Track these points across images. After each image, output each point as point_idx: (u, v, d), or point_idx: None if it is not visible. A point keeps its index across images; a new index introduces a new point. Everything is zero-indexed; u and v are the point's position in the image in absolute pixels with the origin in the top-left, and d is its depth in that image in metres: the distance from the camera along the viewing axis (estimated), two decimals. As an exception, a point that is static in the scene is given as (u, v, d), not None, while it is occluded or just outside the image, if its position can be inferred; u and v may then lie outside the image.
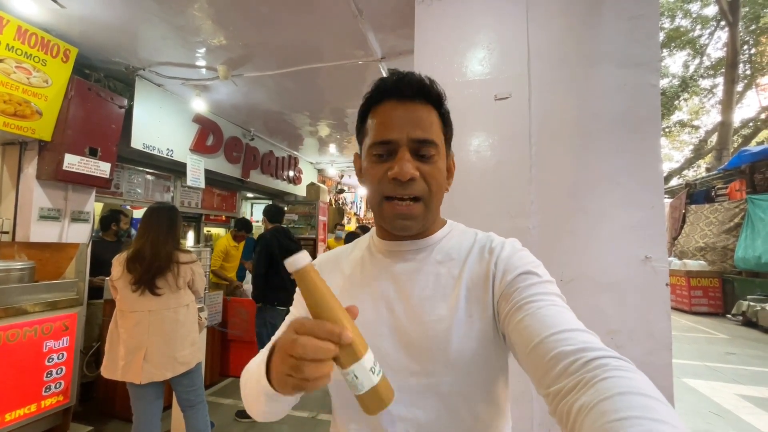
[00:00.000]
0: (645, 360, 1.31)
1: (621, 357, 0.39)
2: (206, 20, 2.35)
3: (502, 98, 1.57)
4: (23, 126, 2.35)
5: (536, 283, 0.52)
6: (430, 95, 0.57)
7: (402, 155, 0.54)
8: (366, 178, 0.59)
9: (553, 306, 0.48)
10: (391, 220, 0.56)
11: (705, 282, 6.96)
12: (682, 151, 15.39)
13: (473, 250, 0.60)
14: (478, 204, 1.55)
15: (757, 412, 2.97)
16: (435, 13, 1.72)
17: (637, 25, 1.44)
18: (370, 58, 2.71)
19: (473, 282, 0.56)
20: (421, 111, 0.56)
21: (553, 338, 0.42)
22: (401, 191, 0.54)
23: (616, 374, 0.35)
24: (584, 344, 0.40)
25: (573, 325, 0.44)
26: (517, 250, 0.59)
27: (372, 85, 0.59)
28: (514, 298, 0.51)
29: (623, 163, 1.40)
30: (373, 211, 0.61)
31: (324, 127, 4.65)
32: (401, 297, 0.58)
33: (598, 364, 0.37)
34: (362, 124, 0.61)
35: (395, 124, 0.55)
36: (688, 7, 12.44)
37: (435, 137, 0.56)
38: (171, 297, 1.87)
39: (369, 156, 0.58)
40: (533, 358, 0.44)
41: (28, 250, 2.47)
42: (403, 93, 0.56)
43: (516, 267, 0.55)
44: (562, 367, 0.39)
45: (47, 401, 2.23)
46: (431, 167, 0.56)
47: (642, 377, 0.36)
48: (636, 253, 1.36)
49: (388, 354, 0.55)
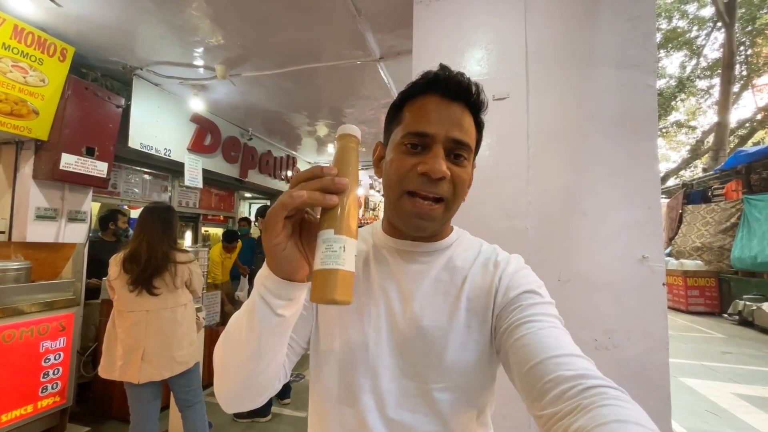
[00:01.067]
0: (642, 359, 1.32)
1: (618, 387, 0.39)
2: (204, 20, 2.35)
3: (499, 98, 1.57)
4: (20, 125, 2.34)
5: (538, 303, 0.52)
6: (474, 101, 0.56)
7: (437, 152, 0.52)
8: (389, 168, 0.56)
9: (553, 328, 0.48)
10: (408, 217, 0.54)
11: (702, 282, 7.00)
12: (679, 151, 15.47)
13: (478, 260, 0.60)
14: (475, 204, 1.55)
15: (753, 411, 2.99)
16: (433, 13, 1.72)
17: (634, 26, 1.44)
18: (369, 58, 2.71)
19: (475, 293, 0.56)
20: (463, 114, 0.55)
21: (553, 361, 0.43)
22: (428, 188, 0.52)
23: (614, 403, 0.36)
24: (584, 371, 0.41)
25: (572, 351, 0.44)
26: (522, 268, 0.59)
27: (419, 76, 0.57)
28: (514, 315, 0.51)
29: (620, 164, 1.41)
30: (389, 204, 0.58)
31: (322, 127, 4.65)
32: (403, 298, 0.57)
33: (597, 392, 0.38)
34: (397, 111, 0.59)
35: (436, 119, 0.53)
36: (685, 8, 12.50)
37: (470, 142, 0.55)
38: (168, 297, 1.87)
39: (399, 145, 0.55)
40: (530, 378, 0.44)
41: (24, 250, 2.46)
42: (450, 91, 0.54)
43: (520, 284, 0.54)
44: (560, 391, 0.39)
45: (44, 402, 2.22)
46: (461, 170, 0.55)
47: (638, 409, 0.36)
48: (633, 252, 1.37)
49: (383, 352, 0.55)
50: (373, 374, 0.55)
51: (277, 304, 0.44)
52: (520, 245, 1.47)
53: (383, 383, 0.54)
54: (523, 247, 1.47)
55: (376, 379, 0.54)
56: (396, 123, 0.58)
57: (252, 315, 0.45)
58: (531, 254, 1.46)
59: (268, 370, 0.49)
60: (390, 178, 0.56)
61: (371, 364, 0.55)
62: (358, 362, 0.55)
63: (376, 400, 0.54)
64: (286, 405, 3.02)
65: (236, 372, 0.49)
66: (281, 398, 3.02)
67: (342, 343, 0.57)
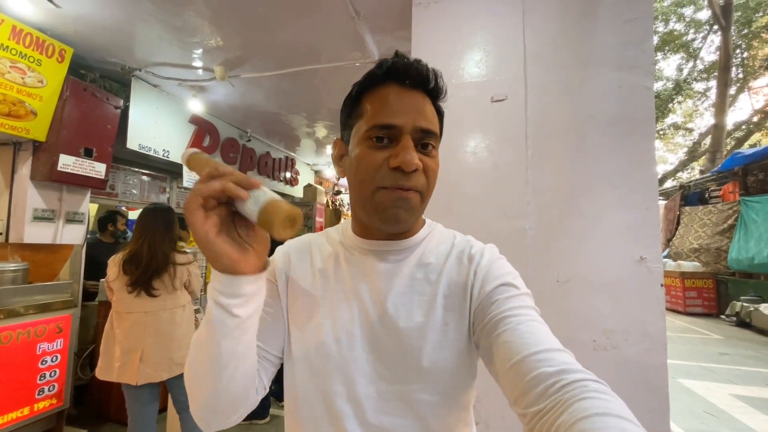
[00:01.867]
0: (640, 360, 1.32)
1: (599, 380, 0.39)
2: (203, 21, 2.35)
3: (498, 100, 1.58)
4: (17, 126, 2.33)
5: (514, 296, 0.51)
6: (433, 88, 0.54)
7: (406, 143, 0.50)
8: (358, 166, 0.53)
9: (531, 321, 0.47)
10: (386, 209, 0.51)
11: (699, 283, 7.02)
12: (677, 153, 15.56)
13: (451, 255, 0.58)
14: (475, 205, 1.56)
15: (751, 412, 3.00)
16: (432, 15, 1.73)
17: (632, 29, 1.45)
18: (368, 59, 2.71)
19: (450, 290, 0.55)
20: (425, 102, 0.53)
21: (534, 358, 0.42)
22: (404, 182, 0.50)
23: (595, 395, 0.36)
24: (564, 365, 0.40)
25: (552, 345, 0.44)
26: (496, 259, 0.57)
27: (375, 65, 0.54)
28: (492, 310, 0.50)
29: (618, 165, 1.42)
30: (360, 202, 0.54)
31: (321, 129, 4.65)
32: (376, 299, 0.55)
33: (578, 386, 0.38)
34: (356, 102, 0.56)
35: (400, 110, 0.51)
36: (682, 11, 12.59)
37: (436, 130, 0.54)
38: (167, 298, 1.86)
39: (364, 140, 0.52)
40: (512, 376, 0.43)
41: (21, 252, 2.45)
42: (410, 79, 0.52)
43: (495, 277, 0.53)
44: (542, 388, 0.39)
45: (40, 404, 2.21)
46: (432, 160, 0.53)
47: (619, 401, 0.36)
48: (631, 253, 1.37)
49: (359, 356, 0.53)
50: (348, 380, 0.52)
51: (230, 304, 0.43)
52: (519, 246, 1.47)
53: (360, 388, 0.52)
54: (522, 247, 1.47)
55: (353, 385, 0.52)
56: (356, 116, 0.55)
57: (209, 323, 0.45)
58: (530, 255, 1.46)
59: (235, 379, 0.48)
60: (359, 175, 0.53)
61: (346, 369, 0.53)
62: (332, 368, 0.53)
63: (353, 406, 0.52)
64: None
65: (203, 385, 0.48)
66: (279, 400, 3.01)
67: (314, 348, 0.54)
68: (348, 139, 0.57)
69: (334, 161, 0.61)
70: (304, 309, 0.58)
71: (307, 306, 0.58)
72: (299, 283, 0.60)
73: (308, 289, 0.59)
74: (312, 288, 0.59)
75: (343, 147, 0.59)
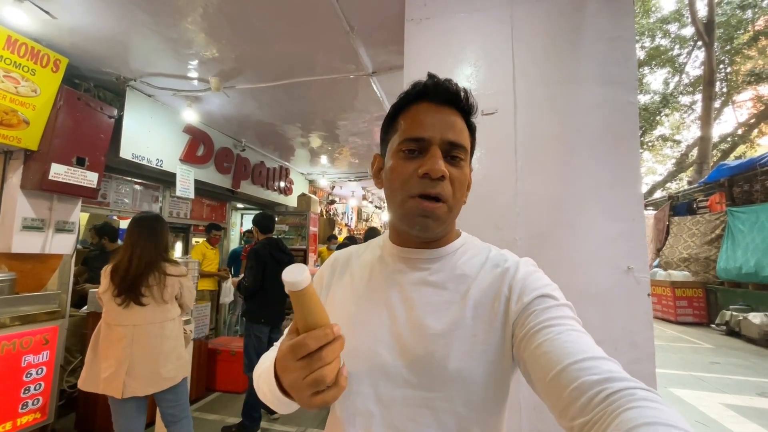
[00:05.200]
0: (629, 369, 1.30)
1: (647, 388, 0.38)
2: (199, 33, 2.38)
3: (488, 113, 1.61)
4: (9, 135, 2.32)
5: (553, 306, 0.50)
6: (464, 105, 0.58)
7: (434, 153, 0.54)
8: (391, 176, 0.58)
9: (572, 331, 0.46)
10: (414, 217, 0.55)
11: (689, 292, 7.10)
12: (665, 164, 15.89)
13: (485, 267, 0.58)
14: (465, 215, 1.57)
15: (742, 421, 3.02)
16: (424, 30, 1.78)
17: (615, 46, 1.51)
18: (362, 72, 2.76)
19: (481, 301, 0.55)
20: (455, 117, 0.57)
21: (576, 367, 0.41)
22: (430, 188, 0.53)
23: (643, 404, 0.35)
24: (609, 374, 0.39)
25: (595, 353, 0.43)
26: (532, 272, 0.57)
27: (409, 86, 0.59)
28: (530, 321, 0.49)
29: (604, 177, 1.45)
30: (393, 209, 0.59)
31: (315, 139, 4.68)
32: (406, 306, 0.57)
33: (625, 395, 0.36)
34: (392, 121, 0.61)
35: (429, 124, 0.55)
36: (667, 28, 13.01)
37: (465, 143, 0.57)
38: (157, 310, 1.84)
39: (397, 153, 0.57)
40: (554, 387, 0.42)
41: (8, 261, 2.41)
42: (440, 97, 0.57)
43: (532, 290, 0.53)
44: (586, 398, 0.38)
45: (23, 419, 2.15)
46: (459, 171, 0.56)
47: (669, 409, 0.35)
48: (618, 264, 1.40)
49: (387, 362, 0.55)
50: (376, 383, 0.54)
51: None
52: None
53: (387, 392, 0.54)
54: (512, 258, 1.49)
55: (380, 388, 0.54)
56: (392, 132, 0.60)
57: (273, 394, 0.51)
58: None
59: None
60: (392, 184, 0.58)
61: (375, 372, 0.55)
62: (362, 371, 0.55)
63: (381, 408, 0.54)
64: (276, 420, 2.96)
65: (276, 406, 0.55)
66: (271, 413, 2.96)
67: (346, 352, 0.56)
68: (384, 153, 0.63)
69: (374, 174, 0.66)
70: (338, 316, 0.60)
71: (342, 313, 0.61)
72: (336, 293, 0.65)
73: (343, 297, 0.63)
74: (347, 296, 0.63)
75: (380, 162, 0.64)
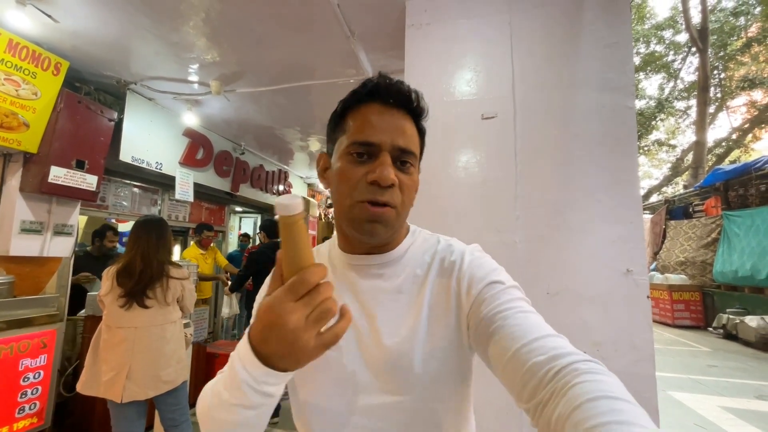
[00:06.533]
0: (629, 371, 1.35)
1: (590, 359, 0.39)
2: (200, 37, 2.40)
3: (488, 117, 1.63)
4: (9, 138, 2.32)
5: (500, 291, 0.52)
6: (414, 108, 0.57)
7: (384, 160, 0.52)
8: (339, 180, 0.55)
9: (519, 313, 0.48)
10: (362, 222, 0.53)
11: (686, 296, 7.14)
12: (661, 168, 16.00)
13: (434, 264, 0.59)
14: (466, 218, 1.59)
15: (740, 424, 3.03)
16: (424, 36, 1.80)
17: (613, 52, 1.54)
18: (362, 76, 2.78)
19: (435, 300, 0.56)
20: (406, 121, 0.56)
21: (525, 350, 0.43)
22: (379, 196, 0.52)
23: (585, 378, 0.36)
24: (554, 350, 0.41)
25: (541, 332, 0.44)
26: (476, 259, 0.58)
27: (360, 84, 0.57)
28: (482, 311, 0.51)
29: (603, 181, 1.47)
30: (341, 214, 0.57)
31: (315, 142, 4.70)
32: (365, 316, 0.57)
33: (569, 371, 0.38)
34: (340, 119, 0.58)
35: (380, 128, 0.53)
36: (662, 34, 13.17)
37: (415, 149, 0.56)
38: (158, 313, 1.84)
39: (346, 155, 0.55)
40: (509, 372, 0.44)
41: (6, 264, 2.40)
42: (392, 99, 0.55)
43: (479, 279, 0.54)
44: (536, 379, 0.40)
45: (20, 423, 2.13)
46: (408, 177, 0.55)
47: (609, 379, 0.37)
48: (618, 266, 1.41)
49: (355, 372, 0.55)
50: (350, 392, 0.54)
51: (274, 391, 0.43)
52: (509, 259, 1.50)
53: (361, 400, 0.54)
54: (512, 260, 1.50)
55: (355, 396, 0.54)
56: (340, 131, 0.58)
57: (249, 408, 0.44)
58: (520, 267, 1.49)
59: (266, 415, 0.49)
60: (340, 188, 0.55)
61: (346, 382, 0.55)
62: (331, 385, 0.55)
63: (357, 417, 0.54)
64: (275, 424, 2.94)
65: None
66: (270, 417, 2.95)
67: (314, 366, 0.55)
68: (332, 152, 0.60)
69: (320, 174, 0.63)
70: None
71: None
72: None
73: None
74: None
75: (327, 160, 0.61)
